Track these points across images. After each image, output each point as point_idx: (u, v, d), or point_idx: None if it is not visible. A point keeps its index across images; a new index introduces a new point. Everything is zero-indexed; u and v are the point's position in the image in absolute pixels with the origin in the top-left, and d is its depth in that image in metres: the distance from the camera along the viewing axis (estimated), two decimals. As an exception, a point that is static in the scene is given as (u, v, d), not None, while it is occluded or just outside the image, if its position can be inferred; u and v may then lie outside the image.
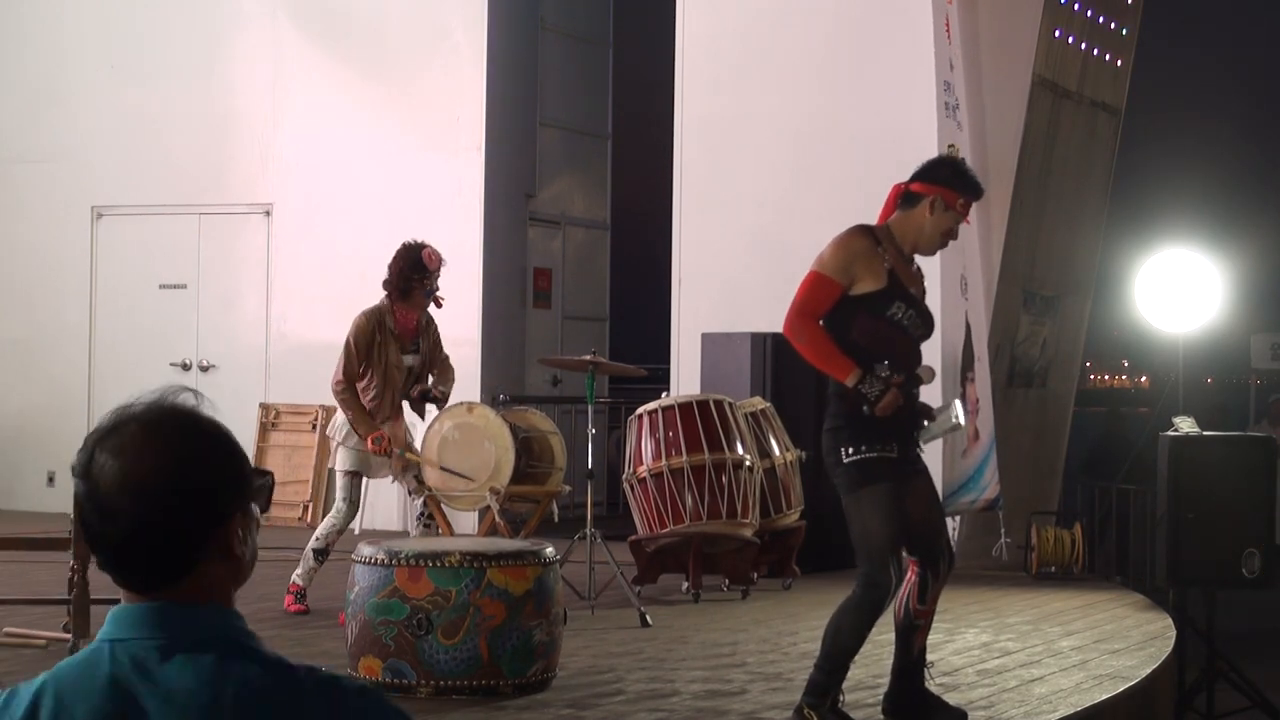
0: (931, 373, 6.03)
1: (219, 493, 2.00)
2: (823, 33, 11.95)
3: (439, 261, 8.73)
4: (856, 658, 7.47)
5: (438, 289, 8.75)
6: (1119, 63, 13.21)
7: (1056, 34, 12.12)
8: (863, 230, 5.95)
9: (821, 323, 5.83)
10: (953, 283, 10.60)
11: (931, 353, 10.46)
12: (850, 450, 5.83)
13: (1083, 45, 12.55)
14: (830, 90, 11.76)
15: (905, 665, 6.09)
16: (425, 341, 8.85)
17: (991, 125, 11.56)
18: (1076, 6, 12.39)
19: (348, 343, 8.68)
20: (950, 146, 10.72)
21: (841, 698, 5.97)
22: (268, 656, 1.98)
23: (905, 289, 5.93)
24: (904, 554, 5.88)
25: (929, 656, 6.30)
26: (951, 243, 6.19)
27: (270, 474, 2.12)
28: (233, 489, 2.02)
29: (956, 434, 6.08)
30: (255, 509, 2.07)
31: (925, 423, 6.02)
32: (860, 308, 5.84)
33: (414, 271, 8.68)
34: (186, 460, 1.98)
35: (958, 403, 6.22)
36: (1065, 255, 12.89)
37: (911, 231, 5.96)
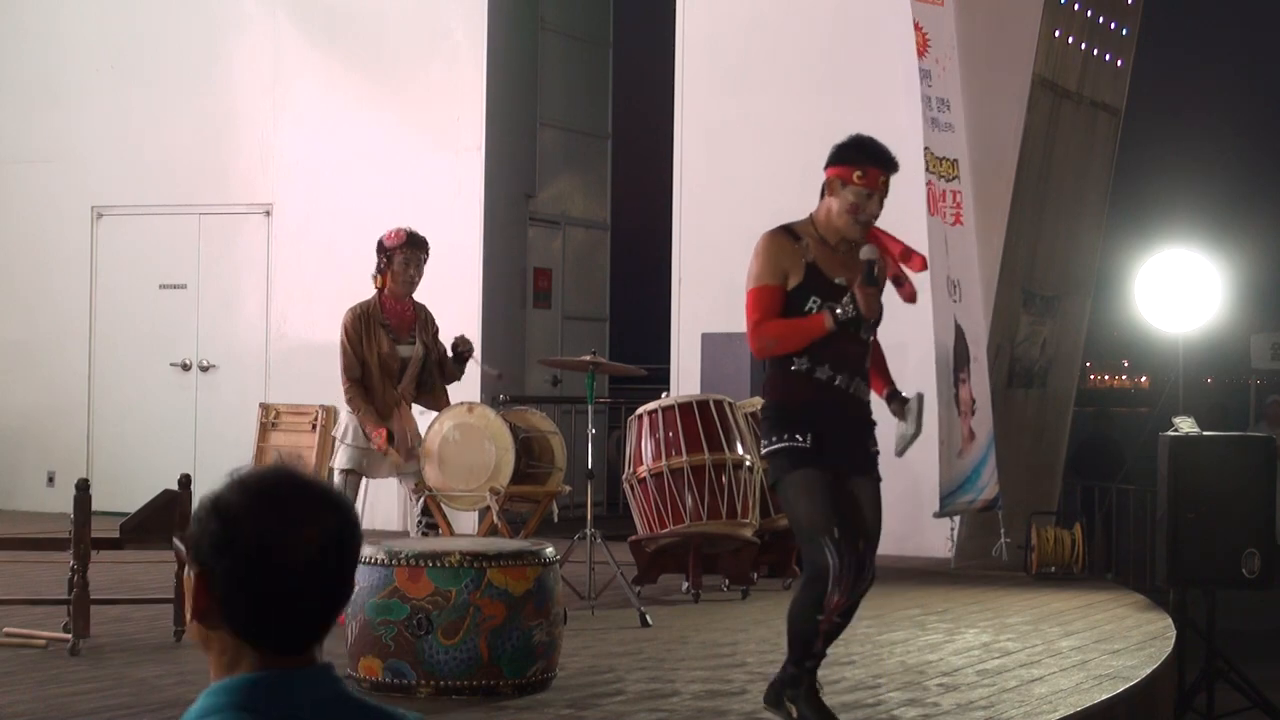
0: (874, 251, 5.92)
1: None
2: (823, 33, 11.96)
3: (398, 239, 8.79)
4: (855, 657, 7.49)
5: (393, 267, 8.81)
6: (1119, 63, 13.20)
7: (1056, 34, 12.12)
8: (777, 231, 6.00)
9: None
10: (940, 285, 10.58)
11: (923, 355, 10.50)
12: (773, 439, 5.92)
13: (1083, 45, 12.54)
14: (830, 90, 11.77)
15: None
16: (424, 333, 8.86)
17: (991, 125, 11.55)
18: (1076, 6, 12.38)
19: (341, 341, 8.76)
20: (926, 150, 10.72)
21: (819, 686, 5.93)
22: None
23: (827, 280, 5.91)
24: (841, 535, 5.74)
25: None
26: (943, 245, 6.20)
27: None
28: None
29: (916, 428, 5.91)
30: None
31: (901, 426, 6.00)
32: (786, 304, 5.91)
33: (379, 253, 8.83)
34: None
35: (918, 401, 6.05)
36: (1065, 255, 12.89)
37: (827, 217, 5.98)
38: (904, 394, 6.05)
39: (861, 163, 5.93)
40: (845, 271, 5.93)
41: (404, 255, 8.75)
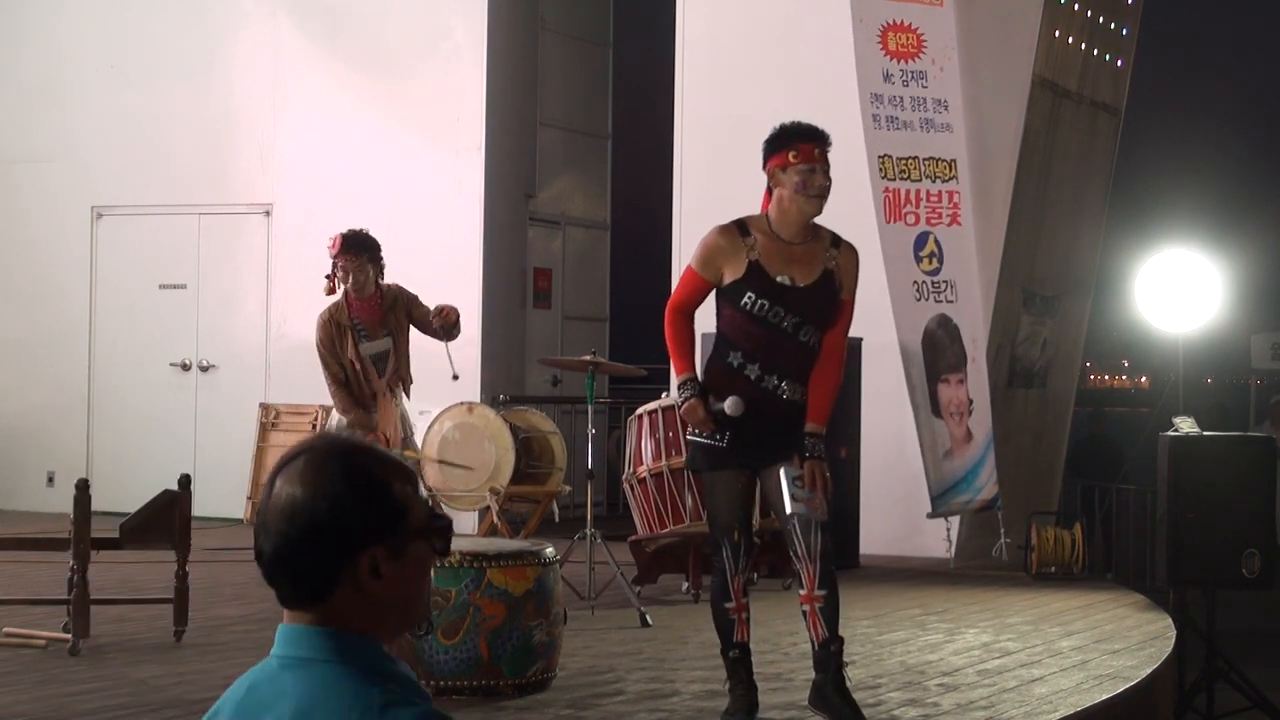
0: (738, 405, 5.99)
1: (344, 528, 2.09)
2: (823, 31, 11.95)
3: (334, 248, 9.03)
4: (855, 657, 7.50)
5: (336, 274, 8.99)
6: (1119, 63, 13.20)
7: (1056, 34, 12.12)
8: (727, 226, 6.13)
9: (696, 314, 6.18)
10: (903, 288, 10.57)
11: (888, 356, 10.50)
12: (689, 431, 6.18)
13: (1083, 45, 12.54)
14: (830, 89, 11.76)
15: (814, 654, 6.11)
16: (395, 318, 8.95)
17: (991, 125, 11.55)
18: (1076, 6, 12.38)
19: (317, 349, 9.03)
20: (882, 157, 10.74)
21: (847, 676, 6.03)
22: (370, 684, 2.04)
23: (768, 278, 6.02)
24: (741, 538, 6.05)
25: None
26: (907, 249, 6.28)
27: (446, 519, 2.19)
28: (360, 526, 2.09)
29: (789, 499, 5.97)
30: (418, 550, 2.13)
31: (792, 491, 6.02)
32: (723, 298, 6.12)
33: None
34: (323, 493, 2.10)
35: (787, 473, 6.04)
36: (1065, 255, 12.89)
37: (779, 209, 6.10)
38: (801, 458, 6.02)
39: (792, 143, 6.11)
40: (791, 268, 6.04)
41: (342, 262, 8.92)
